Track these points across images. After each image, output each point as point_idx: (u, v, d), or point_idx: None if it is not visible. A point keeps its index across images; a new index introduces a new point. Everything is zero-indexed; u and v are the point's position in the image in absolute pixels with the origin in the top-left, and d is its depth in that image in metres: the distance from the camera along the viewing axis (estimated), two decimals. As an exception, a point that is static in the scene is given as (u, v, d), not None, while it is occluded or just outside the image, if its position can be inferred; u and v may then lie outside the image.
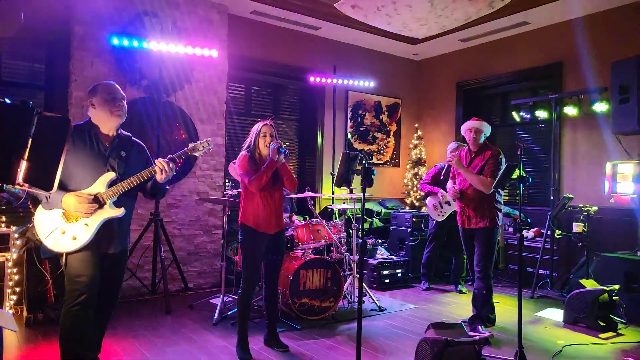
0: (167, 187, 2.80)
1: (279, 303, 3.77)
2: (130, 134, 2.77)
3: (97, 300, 2.54)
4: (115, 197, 2.54)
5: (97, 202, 2.49)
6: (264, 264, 3.37)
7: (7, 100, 1.67)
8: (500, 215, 3.88)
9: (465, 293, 5.21)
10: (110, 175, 2.55)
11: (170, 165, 2.56)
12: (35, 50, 4.64)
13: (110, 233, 2.57)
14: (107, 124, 2.60)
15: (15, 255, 4.00)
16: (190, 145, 2.71)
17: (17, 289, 4.06)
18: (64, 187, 2.47)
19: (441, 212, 5.26)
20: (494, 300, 4.08)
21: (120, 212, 2.56)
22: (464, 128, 4.02)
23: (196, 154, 2.73)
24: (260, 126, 3.31)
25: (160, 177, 2.56)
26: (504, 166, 3.68)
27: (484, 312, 3.87)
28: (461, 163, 3.93)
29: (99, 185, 2.52)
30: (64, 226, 2.47)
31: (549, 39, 5.93)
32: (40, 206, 2.50)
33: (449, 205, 5.16)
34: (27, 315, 3.81)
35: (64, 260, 2.48)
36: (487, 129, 3.96)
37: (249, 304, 3.33)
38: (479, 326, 3.80)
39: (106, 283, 2.61)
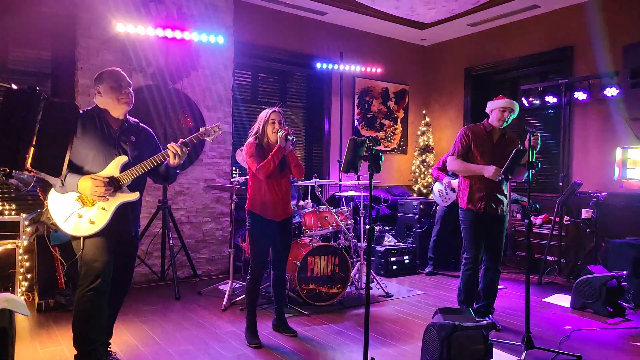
0: (178, 172, 2.82)
1: (286, 289, 3.79)
2: (137, 121, 2.78)
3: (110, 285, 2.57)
4: (130, 180, 2.54)
5: (114, 185, 2.49)
6: (272, 250, 3.39)
7: (14, 86, 1.66)
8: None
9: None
10: (123, 158, 2.55)
11: (183, 149, 2.57)
12: (41, 38, 4.62)
13: (124, 217, 2.59)
14: (114, 110, 2.61)
15: (25, 242, 4.05)
16: (202, 129, 2.73)
17: (28, 276, 4.12)
18: (78, 171, 2.47)
19: (445, 198, 5.34)
20: (500, 287, 4.05)
21: (135, 196, 2.58)
22: (494, 106, 3.61)
23: (208, 139, 2.74)
24: (268, 113, 3.29)
25: (173, 161, 2.58)
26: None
27: (491, 301, 3.79)
28: None
29: (112, 169, 2.52)
30: (80, 210, 2.48)
31: (559, 23, 5.82)
32: (53, 190, 2.50)
33: (454, 192, 5.16)
34: (39, 301, 3.86)
35: (81, 245, 2.49)
36: (517, 110, 3.66)
37: (257, 289, 3.35)
38: (487, 316, 3.76)
39: (119, 267, 2.63)
